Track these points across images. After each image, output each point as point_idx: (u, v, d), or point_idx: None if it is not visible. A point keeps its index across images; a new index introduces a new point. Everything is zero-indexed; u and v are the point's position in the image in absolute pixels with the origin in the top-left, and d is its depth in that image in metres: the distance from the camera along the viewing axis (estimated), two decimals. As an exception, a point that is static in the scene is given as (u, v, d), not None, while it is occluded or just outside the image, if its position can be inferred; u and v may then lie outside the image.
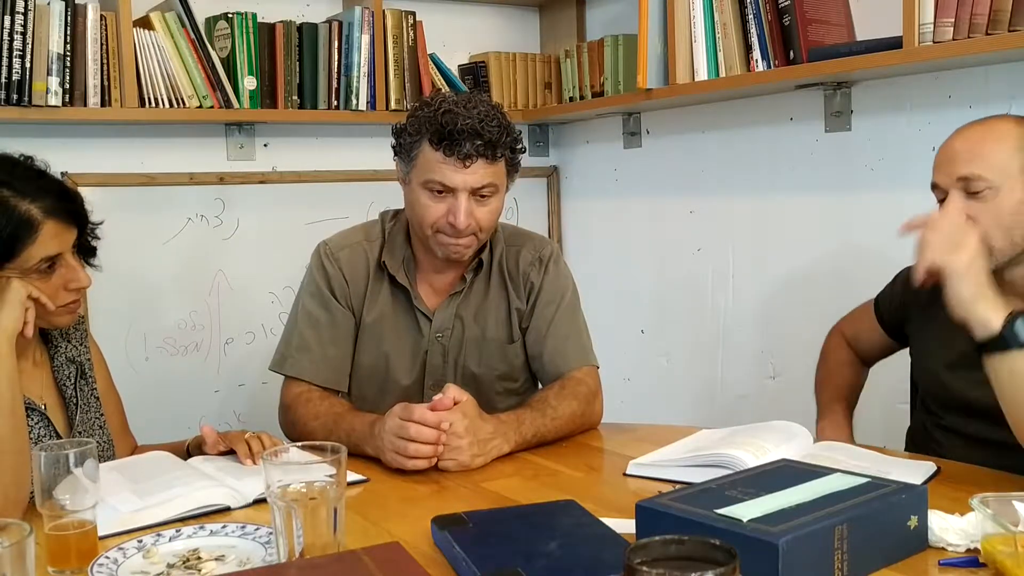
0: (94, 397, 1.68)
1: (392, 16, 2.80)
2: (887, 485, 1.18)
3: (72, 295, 1.53)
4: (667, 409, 2.97)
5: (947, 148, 1.59)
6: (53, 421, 1.56)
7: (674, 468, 1.49)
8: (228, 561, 1.18)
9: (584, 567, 1.07)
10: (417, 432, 1.52)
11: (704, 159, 2.82)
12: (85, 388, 1.66)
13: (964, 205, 1.53)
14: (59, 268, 1.50)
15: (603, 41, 2.91)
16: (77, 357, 1.66)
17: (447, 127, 1.68)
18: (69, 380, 1.63)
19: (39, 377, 1.59)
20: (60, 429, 1.57)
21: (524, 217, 3.24)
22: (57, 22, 2.31)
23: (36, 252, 1.46)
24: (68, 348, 1.65)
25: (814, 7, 2.29)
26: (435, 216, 1.74)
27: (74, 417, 1.60)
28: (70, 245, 1.52)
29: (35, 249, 1.45)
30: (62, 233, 1.50)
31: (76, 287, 1.52)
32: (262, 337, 2.83)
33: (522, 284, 1.89)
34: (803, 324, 2.57)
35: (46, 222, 1.46)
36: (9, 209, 1.44)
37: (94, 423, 1.65)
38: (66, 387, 1.62)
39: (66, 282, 1.51)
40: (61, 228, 1.49)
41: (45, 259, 1.47)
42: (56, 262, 1.50)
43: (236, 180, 2.78)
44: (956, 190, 1.54)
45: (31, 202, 1.46)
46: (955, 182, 1.54)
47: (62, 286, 1.51)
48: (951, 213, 1.50)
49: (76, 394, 1.62)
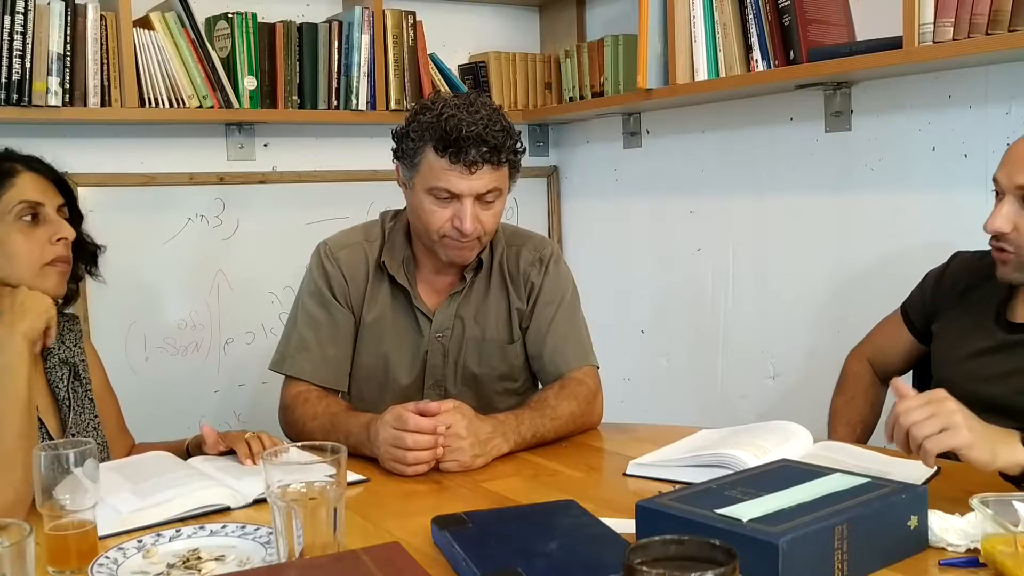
0: (88, 399, 1.68)
1: (392, 16, 2.80)
2: (887, 485, 1.18)
3: (57, 249, 1.57)
4: (667, 409, 2.97)
5: (1019, 150, 1.59)
6: (45, 423, 1.56)
7: (674, 468, 1.49)
8: (228, 561, 1.18)
9: (584, 567, 1.07)
10: (415, 441, 1.52)
11: (704, 159, 2.82)
12: (79, 390, 1.66)
13: (1015, 210, 1.56)
14: (42, 223, 1.57)
15: (603, 41, 2.91)
16: (71, 359, 1.66)
17: (451, 134, 1.67)
18: (62, 382, 1.63)
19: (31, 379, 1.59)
20: (52, 431, 1.57)
21: (524, 217, 3.24)
22: (57, 22, 2.31)
23: (14, 195, 1.54)
24: (62, 350, 1.65)
25: (814, 7, 2.29)
26: (441, 221, 1.74)
27: (67, 419, 1.60)
28: (53, 203, 1.60)
29: (13, 192, 1.55)
30: (41, 185, 1.59)
31: (59, 237, 1.57)
32: (262, 337, 2.83)
33: (522, 284, 1.89)
34: (803, 324, 2.57)
35: (25, 172, 1.58)
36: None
37: (88, 425, 1.64)
38: (59, 389, 1.62)
39: (50, 235, 1.57)
40: (40, 181, 1.59)
41: (25, 203, 1.55)
42: (39, 215, 1.56)
43: (236, 180, 2.78)
44: (1012, 196, 1.57)
45: (11, 162, 1.60)
46: (1014, 188, 1.56)
47: (47, 240, 1.57)
48: (913, 406, 1.30)
49: (69, 396, 1.62)
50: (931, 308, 1.84)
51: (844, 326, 2.36)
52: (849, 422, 1.91)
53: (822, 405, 1.99)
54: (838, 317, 2.47)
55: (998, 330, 1.69)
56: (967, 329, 1.73)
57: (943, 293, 1.82)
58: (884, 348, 1.96)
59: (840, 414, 1.94)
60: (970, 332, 1.72)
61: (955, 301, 1.79)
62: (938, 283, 1.84)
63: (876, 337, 1.98)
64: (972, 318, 1.74)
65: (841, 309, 2.47)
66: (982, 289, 1.76)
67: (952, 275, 1.82)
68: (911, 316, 1.89)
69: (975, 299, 1.76)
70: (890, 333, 1.94)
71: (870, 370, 1.98)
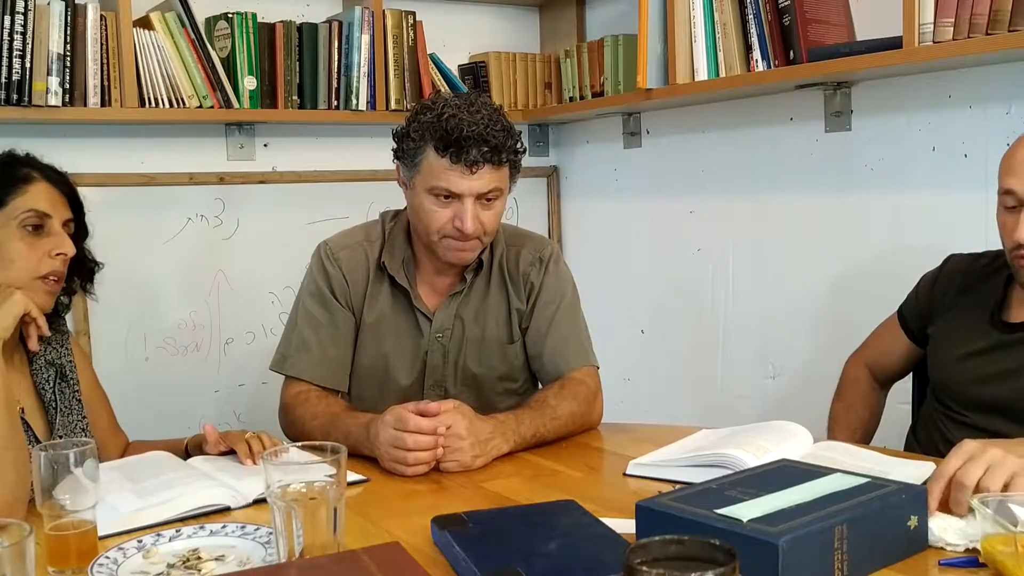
0: (76, 400, 1.67)
1: (392, 16, 2.80)
2: (887, 485, 1.17)
3: (54, 264, 1.56)
4: (667, 409, 2.97)
5: None
6: (32, 425, 1.56)
7: (674, 468, 1.49)
8: (228, 561, 1.18)
9: (584, 567, 1.07)
10: (415, 442, 1.52)
11: (704, 159, 2.82)
12: (67, 391, 1.65)
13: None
14: (46, 235, 1.56)
15: (603, 41, 2.91)
16: (57, 360, 1.65)
17: (452, 134, 1.67)
18: (48, 383, 1.62)
19: (16, 380, 1.57)
20: (39, 433, 1.57)
21: (524, 217, 3.24)
22: (57, 22, 2.31)
23: (24, 202, 1.54)
24: (48, 351, 1.64)
25: (814, 7, 2.29)
26: (441, 221, 1.74)
27: (54, 421, 1.60)
28: (61, 216, 1.59)
29: (24, 199, 1.55)
30: (54, 197, 1.59)
31: (59, 252, 1.57)
32: (262, 337, 2.83)
33: (522, 284, 1.89)
34: (803, 324, 2.57)
35: (40, 181, 1.58)
36: (11, 164, 1.59)
37: (76, 426, 1.64)
38: (45, 391, 1.61)
39: (51, 249, 1.56)
40: (53, 192, 1.59)
41: (33, 212, 1.54)
42: (45, 226, 1.56)
43: (236, 180, 2.78)
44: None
45: (30, 168, 1.60)
46: None
47: (46, 253, 1.56)
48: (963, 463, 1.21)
49: (56, 397, 1.62)
50: (927, 311, 1.85)
51: (844, 326, 2.36)
52: (848, 427, 1.91)
53: (822, 405, 1.99)
54: (838, 317, 2.47)
55: (994, 331, 1.69)
56: (963, 330, 1.74)
57: (938, 296, 1.82)
58: (882, 353, 1.96)
59: (839, 420, 1.94)
60: (966, 333, 1.73)
61: (950, 303, 1.79)
62: (933, 286, 1.84)
63: (873, 342, 1.99)
64: (968, 319, 1.74)
65: (841, 309, 2.47)
66: (977, 291, 1.76)
67: (946, 278, 1.83)
68: (907, 320, 1.90)
69: (970, 301, 1.76)
70: (887, 338, 1.94)
71: (869, 375, 1.98)
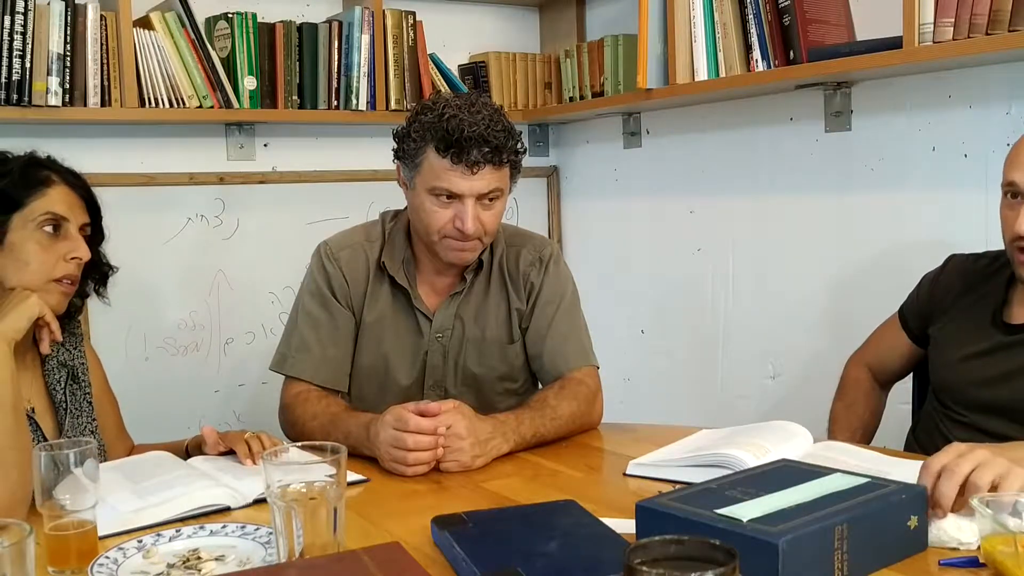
0: (86, 402, 1.67)
1: (392, 16, 2.80)
2: (887, 485, 1.17)
3: (68, 267, 1.56)
4: (667, 409, 2.97)
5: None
6: (41, 425, 1.56)
7: (674, 468, 1.49)
8: (228, 561, 1.18)
9: (584, 567, 1.07)
10: (415, 442, 1.52)
11: (704, 159, 2.82)
12: (77, 393, 1.65)
13: None
14: (62, 239, 1.56)
15: (603, 41, 2.91)
16: (69, 361, 1.66)
17: (453, 134, 1.67)
18: (59, 384, 1.62)
19: (28, 380, 1.58)
20: (48, 433, 1.57)
21: (524, 217, 3.24)
22: (57, 22, 2.31)
23: (43, 204, 1.54)
24: (60, 352, 1.64)
25: (814, 7, 2.29)
26: (442, 222, 1.74)
27: (64, 422, 1.60)
28: (78, 220, 1.59)
29: (43, 202, 1.55)
30: (72, 200, 1.59)
31: (74, 256, 1.56)
32: (262, 337, 2.83)
33: (522, 284, 1.89)
34: (803, 324, 2.57)
35: (59, 184, 1.58)
36: (32, 167, 1.59)
37: (85, 428, 1.63)
38: (56, 391, 1.61)
39: (66, 253, 1.56)
40: (72, 196, 1.59)
41: (50, 215, 1.54)
42: (62, 229, 1.56)
43: (236, 180, 2.78)
44: None
45: (50, 171, 1.60)
46: None
47: (62, 256, 1.56)
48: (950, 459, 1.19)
49: (66, 398, 1.62)
50: (927, 311, 1.84)
51: (844, 326, 2.36)
52: (849, 427, 1.91)
53: (822, 405, 1.99)
54: (838, 317, 2.47)
55: (996, 332, 1.69)
56: (964, 331, 1.73)
57: (939, 296, 1.82)
58: (883, 353, 1.96)
59: (840, 420, 1.94)
60: (968, 334, 1.73)
61: (951, 304, 1.79)
62: (934, 286, 1.84)
63: (874, 342, 1.98)
64: (969, 320, 1.74)
65: (841, 309, 2.47)
66: (979, 291, 1.76)
67: (948, 278, 1.83)
68: (908, 320, 1.89)
69: (972, 301, 1.76)
70: (888, 338, 1.94)
71: (869, 376, 1.98)
